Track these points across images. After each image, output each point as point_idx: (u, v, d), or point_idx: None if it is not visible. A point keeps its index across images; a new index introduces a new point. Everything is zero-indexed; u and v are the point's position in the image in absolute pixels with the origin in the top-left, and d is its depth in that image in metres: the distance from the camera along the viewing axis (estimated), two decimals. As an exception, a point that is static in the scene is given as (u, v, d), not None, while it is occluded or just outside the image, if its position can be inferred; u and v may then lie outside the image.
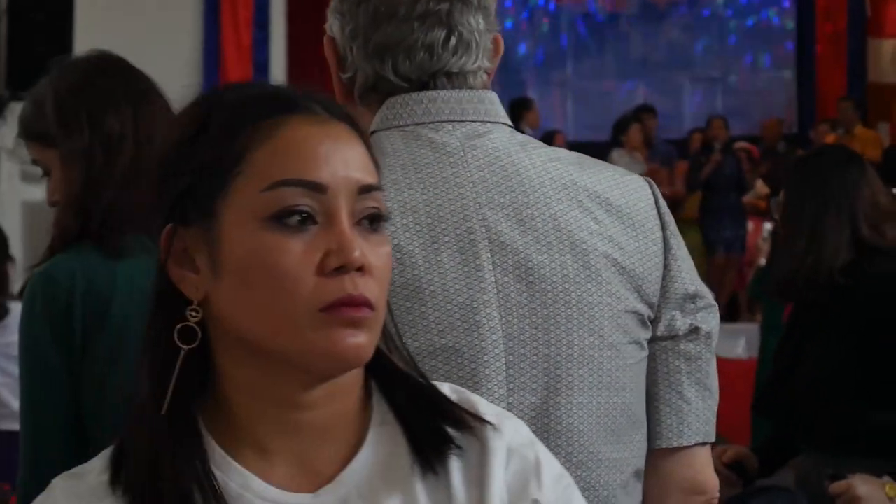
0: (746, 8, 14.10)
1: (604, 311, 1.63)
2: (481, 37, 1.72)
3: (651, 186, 1.76)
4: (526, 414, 1.57)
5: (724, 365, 3.71)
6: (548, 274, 1.61)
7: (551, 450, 1.50)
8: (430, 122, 1.68)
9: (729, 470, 3.49)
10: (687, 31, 14.19)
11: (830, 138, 11.63)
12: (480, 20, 1.72)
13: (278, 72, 9.65)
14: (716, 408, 1.77)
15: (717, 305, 1.78)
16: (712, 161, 11.61)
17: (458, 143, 1.67)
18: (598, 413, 1.63)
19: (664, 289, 1.71)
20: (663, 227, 1.73)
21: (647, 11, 14.25)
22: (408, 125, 1.68)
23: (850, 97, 12.42)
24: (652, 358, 1.71)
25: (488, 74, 1.76)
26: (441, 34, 1.69)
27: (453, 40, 1.70)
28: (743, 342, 8.10)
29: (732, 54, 14.19)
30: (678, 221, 1.79)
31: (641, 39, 14.31)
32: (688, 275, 1.73)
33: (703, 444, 1.74)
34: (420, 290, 1.57)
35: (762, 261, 9.02)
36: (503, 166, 1.66)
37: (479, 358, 1.57)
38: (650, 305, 1.69)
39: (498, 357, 1.58)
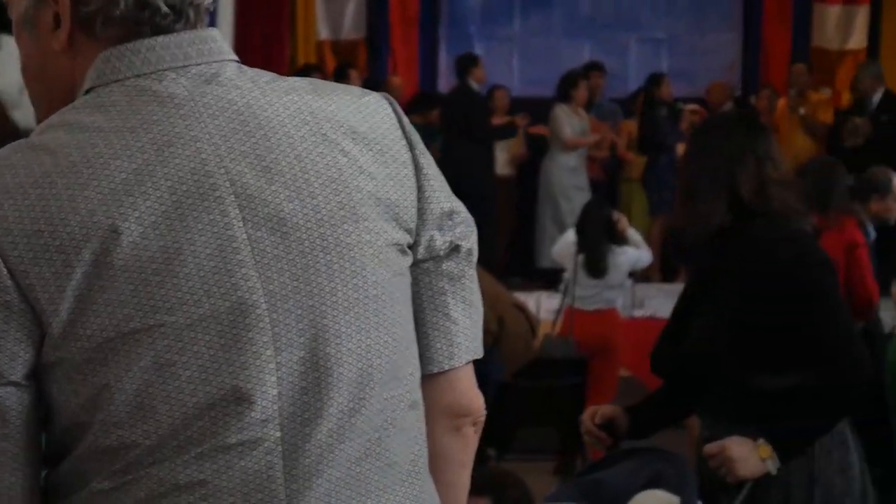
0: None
1: (365, 251, 1.58)
2: None
3: (391, 104, 1.69)
4: (296, 370, 1.52)
5: (663, 324, 3.74)
6: (301, 221, 1.55)
7: (328, 400, 1.53)
8: (151, 73, 1.56)
9: (601, 430, 3.49)
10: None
11: (782, 102, 11.71)
12: None
13: (226, 20, 9.56)
14: (481, 322, 1.75)
15: (472, 219, 1.74)
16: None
17: (187, 93, 1.55)
18: (370, 355, 1.58)
19: (421, 211, 1.66)
20: (411, 147, 1.67)
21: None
22: (127, 78, 1.56)
23: (799, 61, 12.49)
24: (415, 282, 1.67)
25: (210, 11, 1.66)
26: None
27: None
28: (680, 302, 8.13)
29: (679, 15, 14.18)
30: (623, 181, 1.76)
31: (589, -2, 14.29)
32: (441, 192, 1.69)
33: (469, 363, 1.72)
34: (169, 262, 1.48)
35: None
36: (238, 111, 1.56)
37: (240, 322, 1.50)
38: (409, 231, 1.64)
39: (261, 317, 1.51)
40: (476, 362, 1.74)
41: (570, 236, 8.26)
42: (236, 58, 1.64)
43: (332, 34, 13.52)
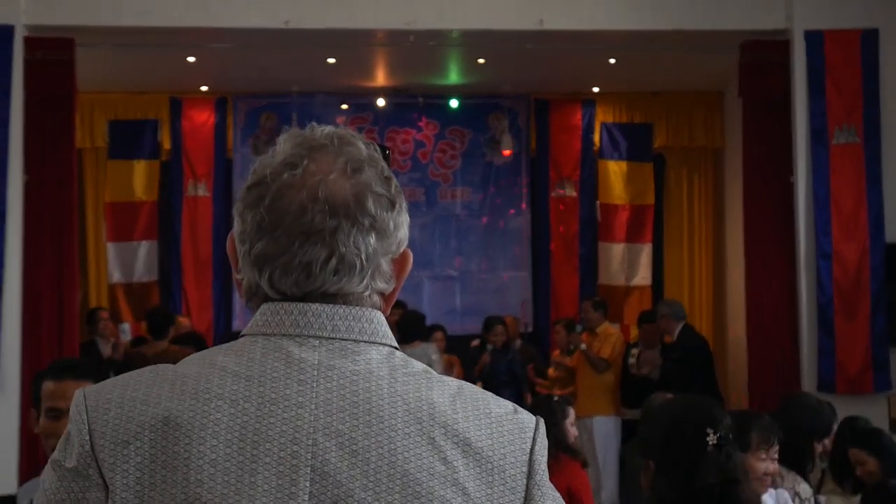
0: (482, 208, 14.49)
1: None
2: (371, 259, 1.65)
3: (536, 430, 1.68)
4: None
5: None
6: None
7: None
8: (296, 336, 1.62)
9: None
10: (426, 230, 14.45)
11: (561, 335, 11.97)
12: (372, 241, 1.65)
13: (13, 262, 9.34)
14: None
15: None
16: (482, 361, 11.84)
17: (317, 362, 1.60)
18: None
19: None
20: (530, 476, 1.64)
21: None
22: (274, 335, 1.63)
23: (589, 297, 12.83)
24: None
25: (384, 295, 1.69)
26: (322, 254, 1.62)
27: (334, 261, 1.63)
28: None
29: (470, 253, 14.49)
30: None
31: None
32: None
33: None
34: None
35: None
36: (355, 391, 1.59)
37: None
38: None
39: None
40: None
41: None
42: (391, 343, 1.66)
43: (124, 277, 13.41)
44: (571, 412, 6.90)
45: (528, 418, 1.68)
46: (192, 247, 13.58)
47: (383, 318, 1.69)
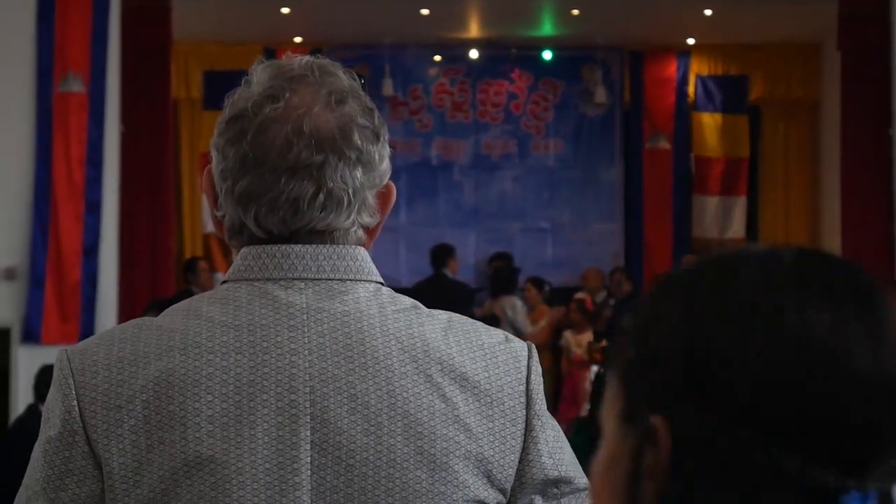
0: (575, 160, 14.42)
1: (434, 501, 1.52)
2: (358, 193, 1.61)
3: (529, 358, 1.64)
4: None
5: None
6: (371, 457, 1.51)
7: None
8: (280, 279, 1.57)
9: None
10: (518, 183, 14.42)
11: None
12: (359, 175, 1.61)
13: (110, 211, 9.48)
14: None
15: (586, 489, 1.65)
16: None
17: (305, 305, 1.56)
18: None
19: (521, 473, 1.60)
20: (528, 406, 1.62)
21: (480, 161, 14.47)
22: (258, 280, 1.58)
23: (680, 250, 12.74)
24: None
25: (368, 230, 1.65)
26: (309, 190, 1.58)
27: (321, 196, 1.59)
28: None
29: (562, 206, 14.44)
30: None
31: (473, 188, 14.50)
32: (550, 459, 1.63)
33: None
34: (226, 465, 1.47)
35: (585, 410, 9.07)
36: (348, 333, 1.55)
37: None
38: (502, 491, 1.59)
39: None
40: None
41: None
42: (377, 279, 1.63)
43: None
44: None
45: (520, 346, 1.65)
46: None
47: (367, 255, 1.64)
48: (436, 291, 11.63)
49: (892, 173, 9.95)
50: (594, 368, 9.49)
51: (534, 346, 1.68)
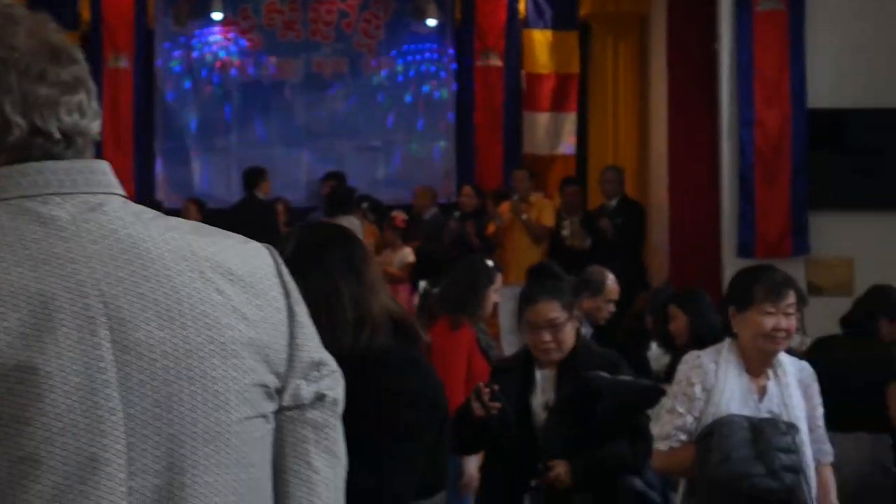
0: (406, 78, 14.42)
1: (229, 386, 1.61)
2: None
3: (272, 253, 1.76)
4: (149, 497, 1.53)
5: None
6: (170, 350, 1.57)
7: None
8: (36, 196, 1.59)
9: None
10: (350, 101, 14.37)
11: (505, 206, 11.98)
12: (92, 86, 1.69)
13: None
14: (345, 475, 1.79)
15: (340, 371, 1.80)
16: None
17: (70, 217, 1.59)
18: (226, 491, 1.60)
19: (290, 358, 1.71)
20: (287, 294, 1.74)
21: (312, 80, 14.37)
22: (13, 198, 1.59)
23: (512, 167, 12.86)
24: (278, 429, 1.71)
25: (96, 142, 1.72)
26: (84, 98, 1.66)
27: (95, 104, 1.67)
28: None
29: (394, 124, 14.45)
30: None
31: (305, 107, 14.41)
32: (311, 342, 1.75)
33: None
34: (34, 372, 1.48)
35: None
36: (119, 239, 1.60)
37: (97, 441, 1.51)
38: (278, 375, 1.69)
39: (118, 439, 1.52)
40: None
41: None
42: (123, 192, 1.67)
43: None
44: (499, 278, 6.75)
45: (257, 245, 1.76)
46: (113, 119, 13.37)
47: (109, 167, 1.69)
48: (245, 213, 11.58)
49: (717, 88, 10.16)
50: (422, 284, 9.51)
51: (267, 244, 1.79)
